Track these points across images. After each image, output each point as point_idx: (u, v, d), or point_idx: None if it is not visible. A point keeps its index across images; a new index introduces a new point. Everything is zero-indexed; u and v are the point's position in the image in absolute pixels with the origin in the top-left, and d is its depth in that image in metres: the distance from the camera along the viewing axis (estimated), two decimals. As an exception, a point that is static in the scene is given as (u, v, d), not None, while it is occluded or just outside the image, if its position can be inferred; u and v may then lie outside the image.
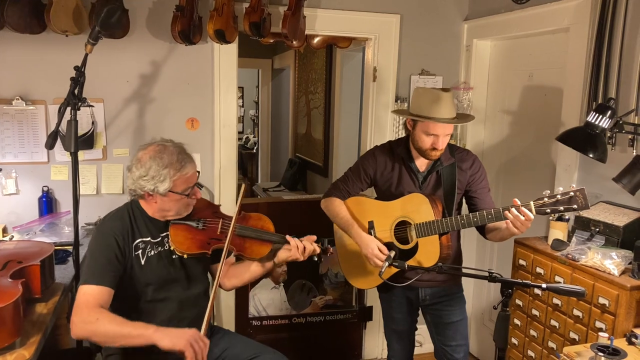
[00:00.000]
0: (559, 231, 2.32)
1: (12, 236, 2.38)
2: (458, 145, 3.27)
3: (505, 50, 3.11)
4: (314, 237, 1.94)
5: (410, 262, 2.07)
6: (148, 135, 2.79)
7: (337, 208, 2.23)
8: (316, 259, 1.95)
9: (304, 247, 1.89)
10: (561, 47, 2.60)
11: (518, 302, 2.43)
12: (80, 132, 2.66)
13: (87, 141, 2.68)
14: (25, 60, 2.55)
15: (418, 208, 2.06)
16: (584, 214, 2.25)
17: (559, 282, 2.18)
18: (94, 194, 2.76)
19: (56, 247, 2.38)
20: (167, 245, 1.87)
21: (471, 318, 3.43)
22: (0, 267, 1.73)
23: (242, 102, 9.51)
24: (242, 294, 3.11)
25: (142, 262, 1.81)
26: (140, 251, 1.82)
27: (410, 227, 2.11)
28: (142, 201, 1.87)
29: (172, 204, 1.81)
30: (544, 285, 1.74)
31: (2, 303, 1.46)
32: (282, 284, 3.21)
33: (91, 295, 1.66)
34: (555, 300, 2.20)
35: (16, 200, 2.66)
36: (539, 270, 2.30)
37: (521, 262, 2.42)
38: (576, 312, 2.09)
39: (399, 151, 2.19)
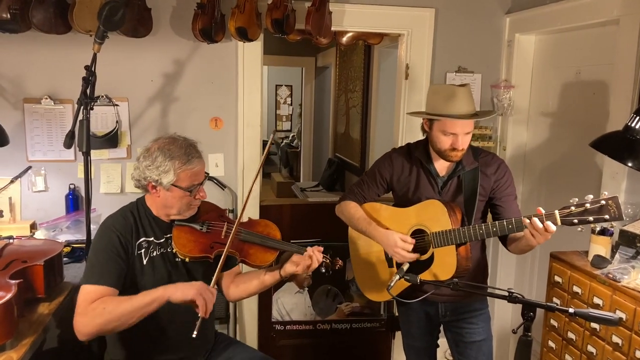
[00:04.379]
0: (600, 246, 2.09)
1: (34, 233, 2.43)
2: (498, 147, 3.07)
3: (551, 45, 2.85)
4: (321, 249, 1.82)
5: (426, 275, 1.92)
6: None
7: (353, 210, 2.10)
8: (323, 271, 1.82)
9: (311, 263, 1.78)
10: (611, 41, 2.33)
11: (553, 322, 2.21)
12: (105, 130, 2.70)
13: (112, 140, 2.70)
14: (53, 60, 2.60)
15: (434, 216, 1.91)
16: (630, 228, 2.01)
17: (598, 304, 1.95)
18: (118, 192, 2.77)
19: (75, 245, 2.42)
20: (170, 247, 1.82)
21: (508, 333, 3.20)
22: (3, 266, 1.74)
23: (291, 100, 9.52)
24: (265, 297, 3.05)
25: (144, 262, 1.77)
26: (143, 250, 1.78)
27: (426, 236, 1.95)
28: (147, 198, 1.84)
29: (174, 200, 1.76)
30: (571, 310, 1.54)
31: (-11, 304, 1.45)
32: (306, 289, 3.12)
33: (93, 293, 1.63)
34: (593, 324, 1.97)
35: (45, 197, 2.72)
36: (576, 289, 2.07)
37: (557, 278, 2.19)
38: (615, 339, 1.86)
39: (418, 154, 2.04)
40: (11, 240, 2.00)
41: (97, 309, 1.59)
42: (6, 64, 2.57)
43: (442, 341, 2.27)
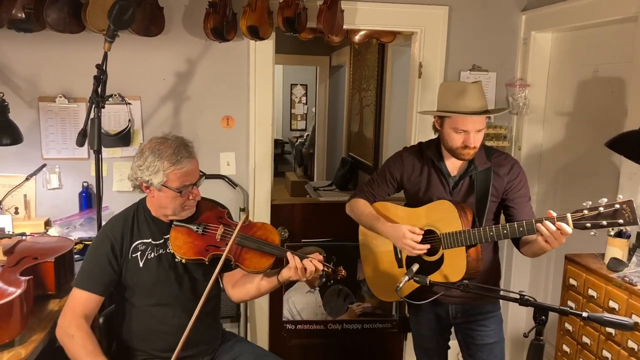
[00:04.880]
0: (617, 249, 2.03)
1: (47, 230, 2.45)
2: (513, 147, 3.02)
3: (568, 43, 2.79)
4: (320, 257, 1.77)
5: (435, 276, 1.90)
6: (184, 133, 2.78)
7: (362, 207, 2.08)
8: (324, 280, 1.78)
9: (304, 268, 1.71)
10: (630, 38, 2.27)
11: (567, 326, 2.17)
12: (118, 129, 2.72)
13: (124, 138, 2.72)
14: (67, 59, 2.63)
15: (444, 216, 1.87)
16: (648, 230, 1.95)
17: (613, 308, 1.90)
18: (131, 190, 2.74)
19: (87, 242, 2.44)
20: (169, 247, 1.81)
21: (522, 337, 3.14)
22: (14, 262, 1.76)
23: (306, 99, 9.51)
24: (276, 296, 3.05)
25: (141, 264, 1.78)
26: (139, 253, 1.78)
27: (436, 237, 1.92)
28: (147, 199, 1.85)
29: (167, 201, 1.75)
30: (584, 314, 1.51)
31: (-1, 300, 1.47)
32: (317, 289, 3.11)
33: (79, 301, 1.67)
34: (609, 329, 1.92)
35: (59, 195, 2.74)
36: (591, 292, 2.03)
37: (572, 281, 2.15)
38: (631, 344, 1.81)
39: (429, 153, 2.01)
40: (24, 237, 2.02)
41: (70, 331, 1.64)
42: (21, 63, 2.60)
43: (454, 343, 2.24)
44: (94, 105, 2.10)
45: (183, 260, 1.78)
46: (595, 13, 2.40)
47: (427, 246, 1.88)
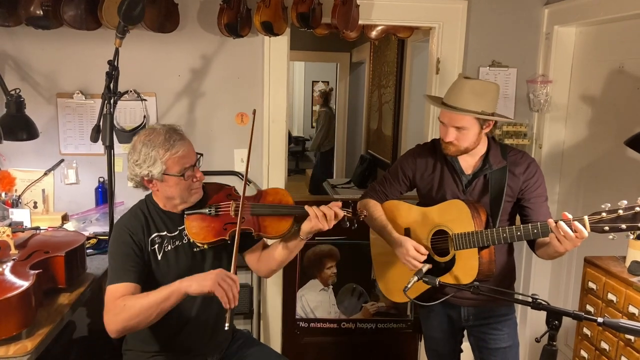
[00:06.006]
0: (639, 252, 1.95)
1: (63, 224, 2.49)
2: (534, 146, 2.93)
3: (592, 37, 2.69)
4: (339, 203, 1.73)
5: (447, 277, 1.85)
6: (198, 129, 2.80)
7: (371, 209, 2.04)
8: (348, 225, 1.72)
9: (324, 214, 1.67)
10: (657, 32, 2.18)
11: (586, 331, 2.09)
12: (133, 125, 2.74)
13: (140, 134, 2.73)
14: (84, 56, 2.66)
15: (457, 216, 1.82)
16: (672, 233, 1.86)
17: (633, 314, 1.82)
18: (146, 186, 2.80)
19: (101, 237, 2.47)
20: (185, 238, 1.80)
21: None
22: (25, 255, 1.79)
23: (327, 96, 9.48)
24: (290, 293, 3.03)
25: (159, 257, 1.77)
26: (156, 246, 1.78)
27: (448, 238, 1.87)
28: (153, 193, 1.84)
29: (172, 189, 1.74)
30: (600, 320, 1.44)
31: (6, 294, 1.49)
32: (331, 287, 3.08)
33: (116, 292, 1.64)
34: (628, 335, 1.84)
35: (76, 190, 2.78)
36: (610, 296, 1.95)
37: (591, 285, 2.07)
38: (652, 352, 1.73)
39: (442, 149, 1.96)
40: (38, 231, 2.05)
41: (119, 306, 1.60)
42: (40, 59, 2.64)
43: (466, 345, 2.19)
44: (106, 101, 2.11)
45: (205, 246, 1.77)
46: (621, 6, 2.31)
47: (413, 279, 1.77)
